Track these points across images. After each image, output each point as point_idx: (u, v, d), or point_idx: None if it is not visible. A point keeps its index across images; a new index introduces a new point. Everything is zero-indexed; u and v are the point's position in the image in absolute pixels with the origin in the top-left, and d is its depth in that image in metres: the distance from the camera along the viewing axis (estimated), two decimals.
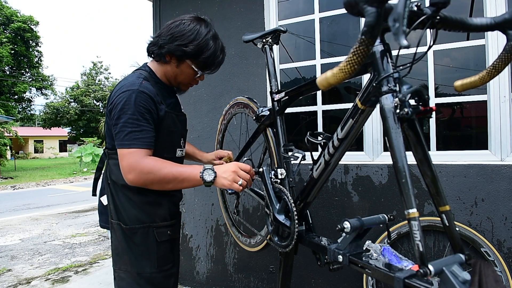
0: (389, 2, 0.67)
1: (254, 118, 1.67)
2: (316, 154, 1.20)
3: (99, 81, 32.82)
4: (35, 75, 25.21)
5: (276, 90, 1.51)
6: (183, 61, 1.25)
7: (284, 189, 1.33)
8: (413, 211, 0.78)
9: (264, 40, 1.59)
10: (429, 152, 0.87)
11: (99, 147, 18.43)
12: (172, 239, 1.33)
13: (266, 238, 1.62)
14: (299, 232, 1.26)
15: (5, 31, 22.33)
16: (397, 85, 0.86)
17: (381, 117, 0.86)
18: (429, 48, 0.88)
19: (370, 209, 2.04)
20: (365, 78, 2.07)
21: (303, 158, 1.27)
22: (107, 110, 1.22)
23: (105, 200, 1.34)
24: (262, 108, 1.63)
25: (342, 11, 2.19)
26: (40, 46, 25.08)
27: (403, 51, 0.75)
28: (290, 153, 1.31)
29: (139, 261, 1.25)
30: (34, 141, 36.52)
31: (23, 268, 3.61)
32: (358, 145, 2.16)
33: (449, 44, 1.92)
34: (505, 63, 0.84)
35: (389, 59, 0.90)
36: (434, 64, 1.95)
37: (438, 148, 1.97)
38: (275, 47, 2.28)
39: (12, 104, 23.53)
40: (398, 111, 0.82)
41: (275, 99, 1.49)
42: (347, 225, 0.98)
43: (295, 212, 1.25)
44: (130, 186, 1.19)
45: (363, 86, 0.97)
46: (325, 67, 2.28)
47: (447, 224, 0.86)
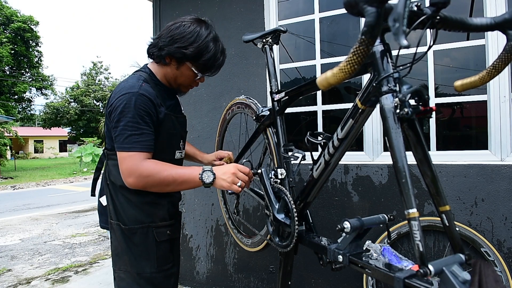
0: (389, 2, 0.67)
1: (254, 118, 1.67)
2: (316, 154, 1.20)
3: (99, 81, 32.82)
4: (35, 75, 25.21)
5: (276, 90, 1.51)
6: (183, 63, 1.25)
7: (284, 189, 1.33)
8: (413, 211, 0.78)
9: (264, 40, 1.59)
10: (429, 152, 0.87)
11: (99, 147, 18.43)
12: (171, 239, 1.33)
13: (266, 238, 1.62)
14: (299, 232, 1.26)
15: (5, 31, 22.33)
16: (397, 85, 0.86)
17: (381, 117, 0.86)
18: (429, 48, 0.88)
19: (370, 209, 2.04)
20: (365, 78, 2.07)
21: (303, 158, 1.27)
22: (107, 112, 1.22)
23: (105, 200, 1.34)
24: (262, 108, 1.63)
25: (342, 11, 2.19)
26: (40, 46, 25.10)
27: (403, 51, 0.75)
28: (290, 153, 1.31)
29: (138, 261, 1.25)
30: (34, 141, 36.52)
31: (23, 268, 3.61)
32: (358, 145, 2.16)
33: (449, 44, 1.92)
34: (505, 63, 0.84)
35: (389, 59, 0.90)
36: (434, 64, 1.95)
37: (438, 148, 1.97)
38: (275, 47, 2.28)
39: (12, 104, 23.53)
40: (398, 111, 0.82)
41: (275, 99, 1.49)
42: (347, 225, 0.98)
43: (295, 212, 1.25)
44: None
45: (363, 86, 0.97)
46: (325, 67, 2.28)
47: (447, 224, 0.86)
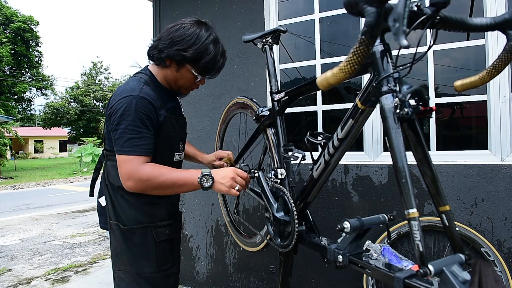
0: (389, 2, 0.67)
1: (254, 118, 1.67)
2: (316, 154, 1.20)
3: (99, 81, 32.81)
4: (35, 75, 25.21)
5: (276, 90, 1.51)
6: (183, 66, 1.25)
7: (284, 189, 1.33)
8: (413, 211, 0.78)
9: (264, 40, 1.59)
10: (429, 152, 0.87)
11: (99, 147, 18.42)
12: (171, 238, 1.33)
13: (266, 238, 1.62)
14: (299, 232, 1.26)
15: (5, 31, 22.33)
16: (397, 85, 0.86)
17: (381, 117, 0.86)
18: (429, 48, 0.88)
19: (370, 209, 2.04)
20: (365, 78, 2.07)
21: (303, 158, 1.27)
22: (107, 114, 1.22)
23: (104, 201, 1.34)
24: (262, 108, 1.63)
25: (342, 11, 2.19)
26: (40, 46, 25.09)
27: (403, 51, 0.75)
28: (290, 153, 1.31)
29: (138, 261, 1.25)
30: (34, 141, 36.52)
31: (23, 268, 3.61)
32: (358, 145, 2.16)
33: (449, 44, 1.92)
34: (505, 63, 0.84)
35: (389, 59, 0.90)
36: (434, 64, 1.95)
37: (438, 148, 1.97)
38: (275, 47, 2.28)
39: (12, 104, 23.53)
40: (398, 111, 0.82)
41: (275, 99, 1.48)
42: (347, 225, 0.98)
43: (295, 212, 1.25)
44: None
45: (363, 86, 0.97)
46: (325, 67, 2.28)
47: (447, 224, 0.86)
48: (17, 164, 22.08)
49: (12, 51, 22.02)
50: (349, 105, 2.04)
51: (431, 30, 0.83)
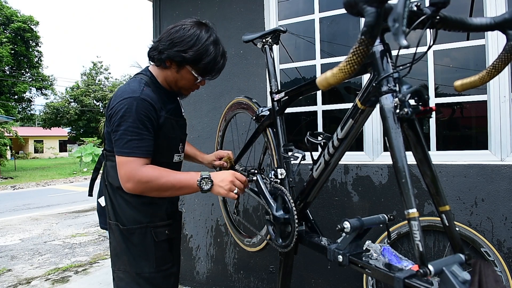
0: (389, 2, 0.67)
1: (254, 118, 1.67)
2: (316, 154, 1.20)
3: (99, 81, 32.80)
4: (35, 75, 25.21)
5: (276, 90, 1.51)
6: (183, 67, 1.24)
7: (284, 189, 1.33)
8: (413, 211, 0.78)
9: (264, 40, 1.59)
10: (429, 152, 0.87)
11: (99, 147, 18.41)
12: (170, 238, 1.34)
13: (266, 238, 1.62)
14: (299, 232, 1.26)
15: (5, 31, 22.33)
16: (397, 85, 0.86)
17: (381, 117, 0.86)
18: (429, 48, 0.88)
19: (370, 209, 2.04)
20: (365, 78, 2.07)
21: (303, 158, 1.27)
22: (107, 115, 1.21)
23: (103, 201, 1.34)
24: (262, 108, 1.63)
25: (342, 11, 2.19)
26: (40, 46, 25.10)
27: (403, 51, 0.75)
28: (290, 153, 1.31)
29: (137, 261, 1.25)
30: (34, 141, 36.51)
31: (23, 268, 3.61)
32: (358, 145, 2.16)
33: (449, 44, 1.92)
34: (505, 63, 0.83)
35: (389, 59, 0.90)
36: (434, 64, 1.95)
37: (438, 148, 1.97)
38: (275, 47, 2.28)
39: (12, 104, 23.53)
40: (398, 111, 0.82)
41: (275, 99, 1.48)
42: (347, 225, 0.98)
43: (295, 212, 1.25)
44: None
45: (363, 86, 0.97)
46: (325, 67, 2.28)
47: (447, 224, 0.86)
48: (17, 164, 22.09)
49: (12, 51, 22.02)
50: (349, 105, 2.04)
51: (431, 30, 0.83)
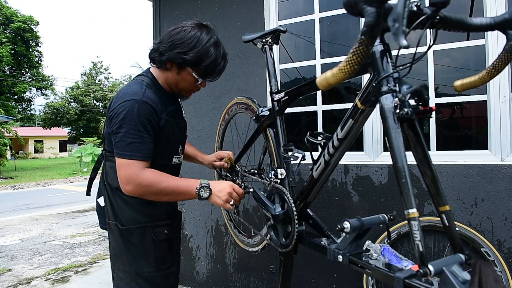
0: (389, 2, 0.67)
1: (254, 118, 1.67)
2: (316, 154, 1.20)
3: (99, 81, 32.80)
4: (35, 75, 25.21)
5: (276, 90, 1.51)
6: (184, 69, 1.25)
7: (284, 189, 1.33)
8: (413, 211, 0.78)
9: (264, 40, 1.59)
10: (429, 152, 0.87)
11: (99, 147, 18.41)
12: (170, 238, 1.34)
13: (266, 238, 1.62)
14: (299, 232, 1.26)
15: (5, 31, 22.33)
16: (397, 85, 0.86)
17: (381, 117, 0.86)
18: (429, 48, 0.88)
19: (370, 209, 2.04)
20: (365, 78, 2.07)
21: (303, 158, 1.27)
22: (108, 116, 1.21)
23: (102, 201, 1.34)
24: (262, 108, 1.63)
25: (342, 11, 2.19)
26: (40, 46, 25.09)
27: (403, 51, 0.75)
28: (290, 153, 1.31)
29: (137, 261, 1.25)
30: (34, 141, 36.51)
31: (23, 268, 3.61)
32: (358, 145, 2.16)
33: (449, 44, 1.92)
34: (505, 63, 0.84)
35: (389, 59, 0.90)
36: (434, 64, 1.95)
37: (438, 148, 1.97)
38: (275, 47, 2.28)
39: (12, 104, 23.53)
40: (398, 111, 0.82)
41: (275, 99, 1.48)
42: (347, 225, 0.98)
43: (295, 212, 1.25)
44: None
45: (363, 86, 0.97)
46: (325, 67, 2.28)
47: (447, 224, 0.86)
48: (17, 164, 22.08)
49: (12, 51, 22.02)
50: (349, 105, 2.04)
51: (431, 30, 0.83)
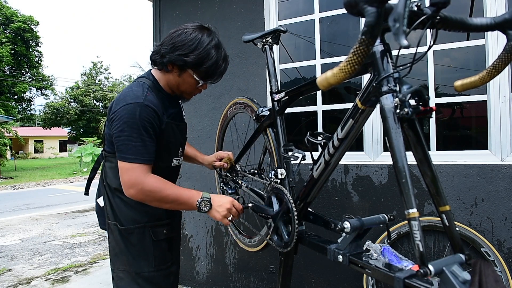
0: (389, 2, 0.67)
1: (254, 118, 1.67)
2: (316, 154, 1.20)
3: (99, 81, 32.79)
4: (35, 75, 25.20)
5: (276, 90, 1.51)
6: (185, 71, 1.24)
7: (284, 189, 1.33)
8: (413, 211, 0.78)
9: (264, 40, 1.59)
10: (429, 152, 0.87)
11: (99, 147, 18.41)
12: (169, 238, 1.34)
13: (266, 238, 1.62)
14: (299, 232, 1.26)
15: (5, 31, 22.33)
16: (397, 85, 0.86)
17: (381, 117, 0.86)
18: (429, 48, 0.88)
19: (370, 209, 2.04)
20: (365, 78, 2.07)
21: (303, 158, 1.27)
22: (109, 118, 1.21)
23: (102, 201, 1.34)
24: (262, 108, 1.63)
25: (342, 11, 2.19)
26: (40, 46, 25.08)
27: (403, 51, 0.75)
28: (290, 153, 1.31)
29: (136, 260, 1.25)
30: (34, 141, 36.50)
31: (23, 268, 3.61)
32: (358, 145, 2.16)
33: (449, 44, 1.92)
34: (505, 63, 0.84)
35: (389, 59, 0.90)
36: (434, 64, 1.95)
37: (438, 148, 1.97)
38: (275, 47, 2.28)
39: (12, 104, 23.52)
40: (398, 111, 0.82)
41: (275, 99, 1.49)
42: (347, 225, 0.98)
43: (295, 212, 1.25)
44: None
45: (363, 86, 0.97)
46: (325, 67, 2.28)
47: (447, 224, 0.86)
48: (17, 164, 22.08)
49: (12, 51, 22.02)
50: (349, 105, 2.04)
51: (431, 30, 0.83)
